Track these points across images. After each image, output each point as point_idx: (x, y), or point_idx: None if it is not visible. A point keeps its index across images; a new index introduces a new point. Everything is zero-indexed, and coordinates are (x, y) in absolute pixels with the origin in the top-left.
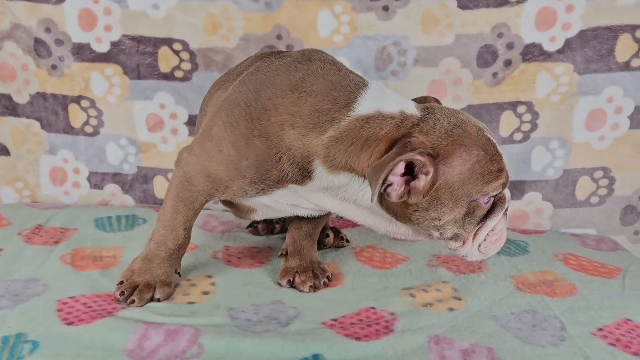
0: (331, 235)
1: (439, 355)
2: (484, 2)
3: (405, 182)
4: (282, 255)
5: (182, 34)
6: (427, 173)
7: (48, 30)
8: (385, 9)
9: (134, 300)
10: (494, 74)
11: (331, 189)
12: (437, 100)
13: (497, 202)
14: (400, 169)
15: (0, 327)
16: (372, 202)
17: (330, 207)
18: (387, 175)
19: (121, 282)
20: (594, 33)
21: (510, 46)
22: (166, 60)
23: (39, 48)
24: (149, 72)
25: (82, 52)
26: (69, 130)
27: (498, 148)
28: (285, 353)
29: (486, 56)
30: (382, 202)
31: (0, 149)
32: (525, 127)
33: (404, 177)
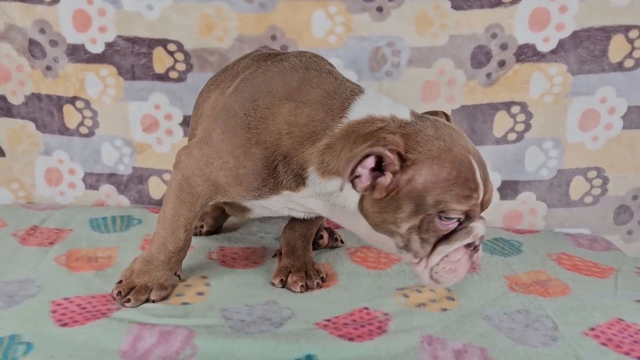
0: (325, 236)
1: (431, 356)
2: (477, 2)
3: (374, 178)
4: (276, 255)
5: (177, 34)
6: (394, 172)
7: (42, 31)
8: (380, 9)
9: (129, 300)
10: (488, 75)
11: (323, 194)
12: (447, 116)
13: (461, 231)
14: (369, 163)
15: None
16: (341, 190)
17: (320, 211)
18: (356, 167)
19: (120, 281)
20: (587, 34)
21: (504, 47)
22: (161, 61)
23: (33, 49)
24: (143, 73)
25: (76, 53)
26: (64, 131)
27: (478, 178)
28: (278, 354)
29: (480, 57)
30: (360, 203)
31: None
32: (519, 127)
33: (373, 173)
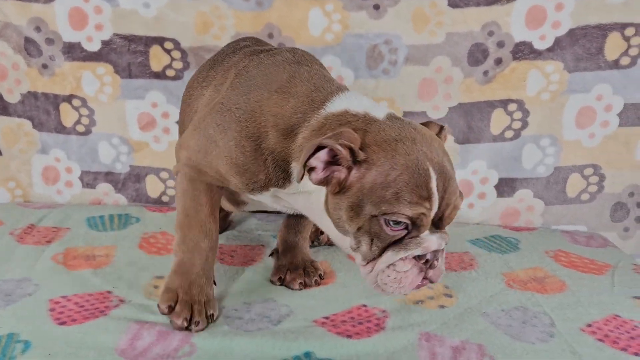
0: (325, 233)
1: (429, 353)
2: (474, 0)
3: (331, 171)
4: (273, 254)
5: (174, 32)
6: (349, 168)
7: (38, 29)
8: (376, 7)
9: (198, 322)
10: (485, 72)
11: (304, 192)
12: (442, 127)
13: (411, 240)
14: (323, 155)
15: None
16: (299, 182)
17: (302, 209)
18: (308, 158)
19: (170, 306)
20: (583, 31)
21: (500, 44)
22: (157, 59)
23: (29, 47)
24: (140, 71)
25: (73, 51)
26: (60, 129)
27: (432, 187)
28: (276, 351)
29: (477, 54)
30: (325, 201)
31: None
32: (516, 125)
33: (331, 166)
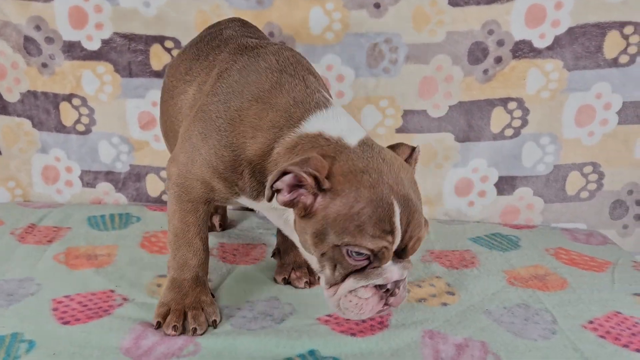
0: None
1: (433, 350)
2: None
3: (299, 195)
4: (275, 254)
5: (174, 31)
6: (314, 194)
7: (38, 28)
8: (377, 6)
9: (195, 330)
10: (485, 71)
11: (277, 209)
12: (413, 149)
13: (371, 270)
14: (289, 179)
15: None
16: (268, 201)
17: (278, 225)
18: (274, 181)
19: (159, 323)
20: (582, 30)
21: (500, 43)
22: (158, 58)
23: (29, 46)
24: (140, 70)
25: (72, 50)
26: (60, 128)
27: (395, 221)
28: (280, 349)
29: (477, 53)
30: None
31: None
32: (516, 123)
33: (298, 190)
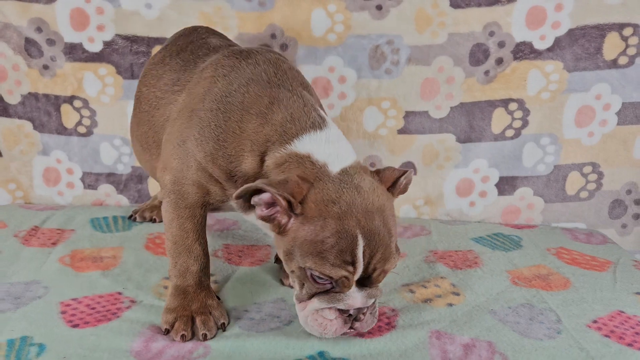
0: None
1: (440, 350)
2: (475, 1)
3: (275, 212)
4: (277, 259)
5: None
6: (288, 215)
7: (39, 30)
8: (379, 8)
9: (206, 335)
10: (486, 72)
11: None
12: (401, 173)
13: (334, 294)
14: (266, 197)
15: (4, 330)
16: (242, 213)
17: (267, 234)
18: (248, 196)
19: (166, 330)
20: (582, 31)
21: (501, 45)
22: None
23: (30, 48)
24: None
25: (74, 52)
26: (62, 130)
27: (357, 253)
28: (290, 351)
29: (478, 55)
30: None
31: None
32: (517, 124)
33: (275, 207)
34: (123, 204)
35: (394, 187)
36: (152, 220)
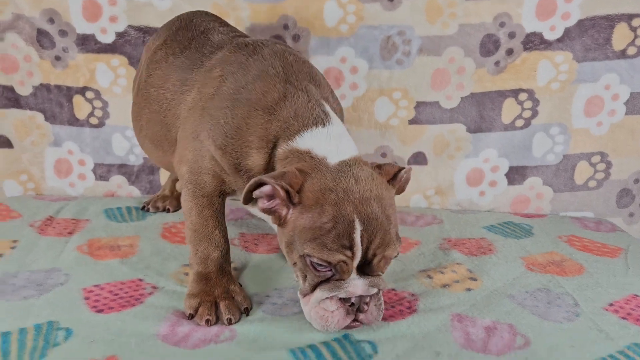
0: None
1: (463, 332)
2: None
3: (276, 204)
4: None
5: None
6: (287, 206)
7: (51, 21)
8: None
9: (230, 319)
10: (496, 63)
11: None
12: (399, 169)
13: (334, 282)
14: (266, 190)
15: (29, 315)
16: (245, 204)
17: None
18: (251, 190)
19: (190, 315)
20: (592, 22)
21: (511, 35)
22: None
23: (42, 39)
24: None
25: (87, 43)
26: (73, 121)
27: (355, 238)
28: (315, 334)
29: (489, 45)
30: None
31: (2, 142)
32: (527, 114)
33: (275, 199)
34: (134, 195)
35: (394, 180)
36: (166, 210)
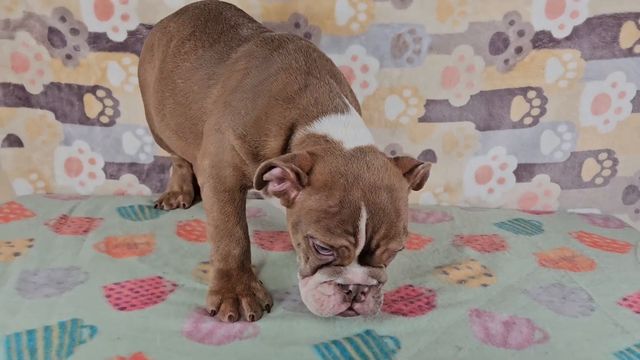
0: None
1: (482, 327)
2: None
3: (286, 187)
4: None
5: None
6: (297, 188)
7: (63, 19)
8: None
9: (252, 316)
10: (506, 61)
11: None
12: (416, 163)
13: (334, 267)
14: (277, 172)
15: (52, 313)
16: (256, 188)
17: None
18: (262, 173)
19: (212, 312)
20: (599, 20)
21: (521, 33)
22: None
23: (53, 37)
24: None
25: (98, 42)
26: (84, 120)
27: (359, 224)
28: (337, 329)
29: (498, 43)
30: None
31: (13, 141)
32: (535, 111)
33: (286, 182)
34: (145, 193)
35: (410, 174)
36: (182, 206)
